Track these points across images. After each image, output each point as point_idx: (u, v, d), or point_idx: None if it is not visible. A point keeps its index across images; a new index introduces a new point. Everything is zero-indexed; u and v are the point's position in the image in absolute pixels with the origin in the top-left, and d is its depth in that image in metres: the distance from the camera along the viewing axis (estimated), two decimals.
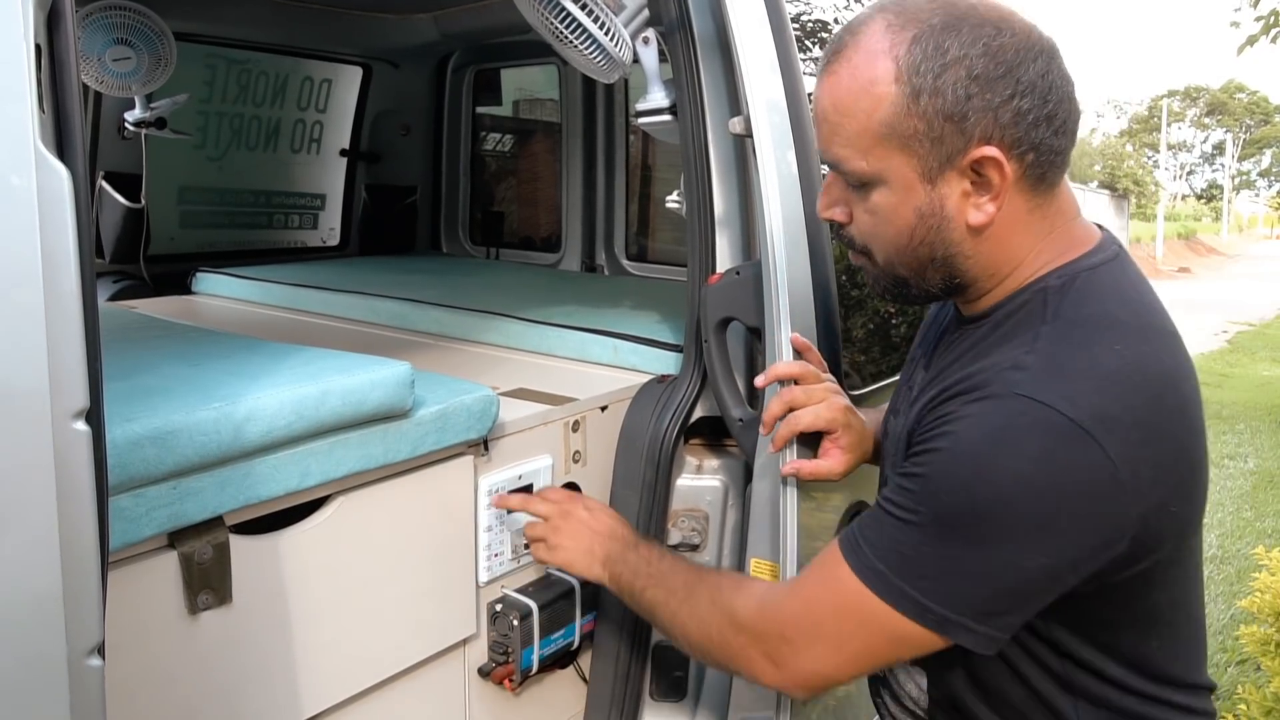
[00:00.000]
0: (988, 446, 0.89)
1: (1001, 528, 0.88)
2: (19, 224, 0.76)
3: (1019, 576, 0.90)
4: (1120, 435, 0.87)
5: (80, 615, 0.83)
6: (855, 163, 0.97)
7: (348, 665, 1.40)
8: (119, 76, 2.44)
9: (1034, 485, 0.87)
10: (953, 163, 0.93)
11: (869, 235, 1.02)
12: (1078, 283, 0.97)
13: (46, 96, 0.82)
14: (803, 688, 1.06)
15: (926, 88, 0.91)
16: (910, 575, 0.93)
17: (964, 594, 0.91)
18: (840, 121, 0.96)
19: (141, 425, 1.10)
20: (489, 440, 1.55)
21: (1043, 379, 0.89)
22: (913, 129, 0.93)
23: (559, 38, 1.56)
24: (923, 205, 0.96)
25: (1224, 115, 57.37)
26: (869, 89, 0.93)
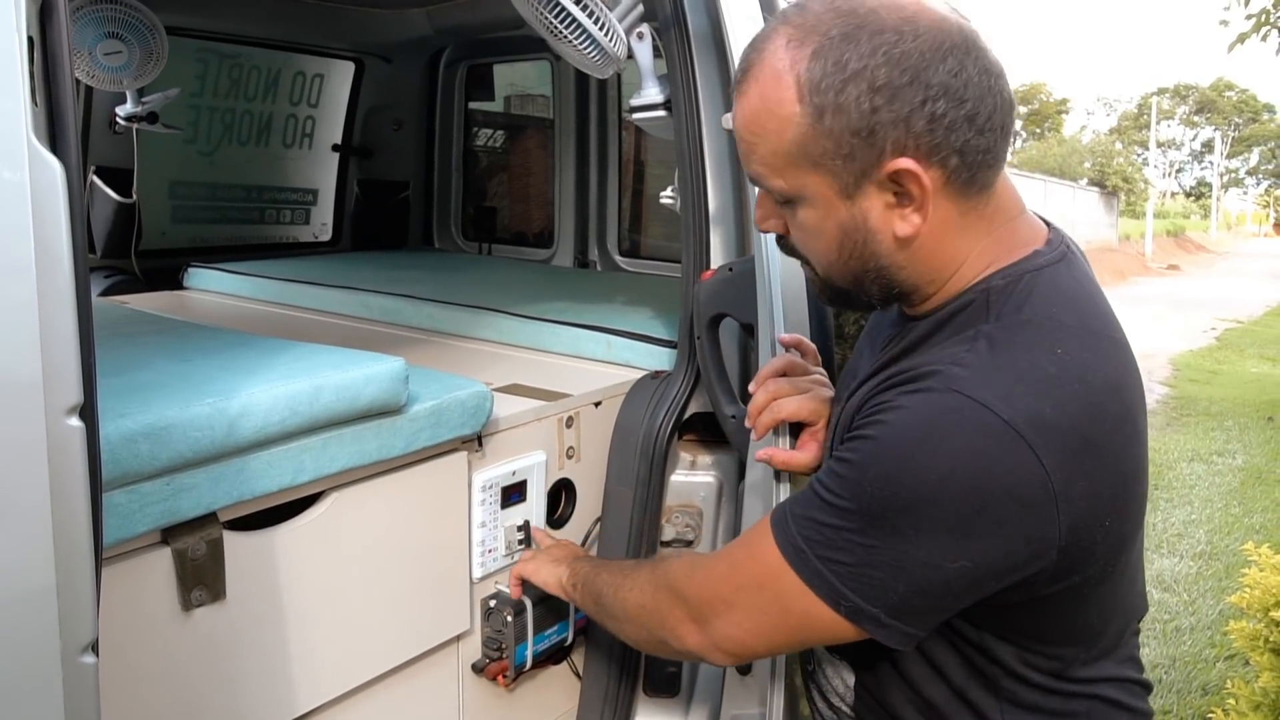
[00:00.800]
0: (916, 440, 0.87)
1: (922, 524, 0.86)
2: (12, 218, 0.75)
3: (936, 576, 0.88)
4: (1056, 442, 0.85)
5: (74, 612, 0.82)
6: (773, 181, 0.95)
7: (341, 661, 1.40)
8: (110, 70, 2.42)
9: (958, 484, 0.85)
10: (869, 177, 0.90)
11: (802, 248, 1.01)
12: (1022, 284, 0.94)
13: (39, 90, 0.81)
14: (721, 652, 1.06)
15: (829, 105, 0.88)
16: (829, 558, 0.91)
17: (879, 586, 0.89)
18: (754, 142, 0.94)
19: (135, 421, 1.10)
20: (483, 436, 1.55)
21: (980, 377, 0.87)
22: (822, 149, 0.90)
23: (554, 33, 1.56)
24: (845, 221, 0.94)
25: (1213, 113, 57.59)
26: (775, 111, 0.91)
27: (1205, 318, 13.63)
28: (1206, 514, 4.93)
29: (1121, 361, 0.94)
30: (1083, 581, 0.93)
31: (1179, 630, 3.59)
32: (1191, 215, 50.64)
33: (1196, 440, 6.44)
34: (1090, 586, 0.94)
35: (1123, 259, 25.03)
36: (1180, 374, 9.10)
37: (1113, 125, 60.02)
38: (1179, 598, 3.88)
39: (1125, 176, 34.72)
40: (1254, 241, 48.60)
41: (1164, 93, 58.58)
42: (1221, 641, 3.43)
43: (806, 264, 1.03)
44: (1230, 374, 9.30)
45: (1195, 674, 3.25)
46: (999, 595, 0.91)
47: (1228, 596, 3.73)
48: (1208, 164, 61.09)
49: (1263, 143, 57.25)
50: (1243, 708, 2.21)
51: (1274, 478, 5.57)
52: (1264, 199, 61.49)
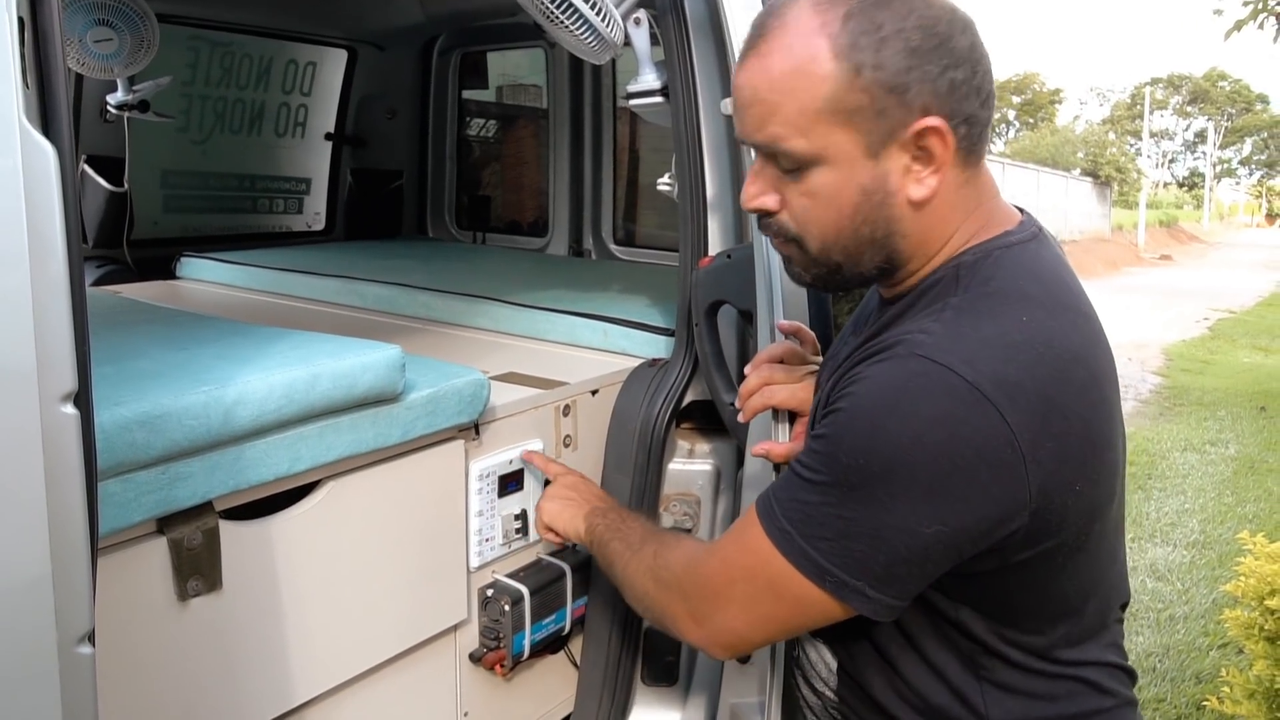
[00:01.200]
0: (884, 407, 0.89)
1: (896, 491, 0.88)
2: (4, 203, 0.74)
3: (914, 543, 0.89)
4: (1021, 404, 0.86)
5: (70, 602, 0.82)
6: (794, 142, 0.94)
7: (338, 652, 1.39)
8: (101, 58, 2.40)
9: (928, 446, 0.86)
10: (895, 136, 0.93)
11: (805, 220, 0.99)
12: (991, 258, 0.96)
13: (30, 71, 0.80)
14: (720, 646, 1.07)
15: (867, 62, 0.90)
16: (812, 536, 0.92)
17: (862, 558, 0.91)
18: (778, 100, 0.94)
19: (130, 409, 1.09)
20: (480, 424, 1.54)
21: (944, 343, 0.89)
22: (855, 103, 0.92)
23: (550, 18, 1.55)
24: (866, 181, 0.95)
25: (1206, 103, 57.59)
26: (807, 67, 0.92)
27: (1198, 308, 13.68)
28: (1200, 503, 4.94)
29: (1089, 334, 0.96)
30: (1055, 549, 0.94)
31: (1172, 619, 3.60)
32: (1184, 206, 50.79)
33: (1189, 430, 6.46)
34: (1064, 556, 0.95)
35: (1115, 249, 25.09)
36: (1173, 364, 9.13)
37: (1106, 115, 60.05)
38: (1172, 586, 3.89)
39: (1118, 167, 34.67)
40: (1246, 232, 48.76)
41: (1157, 83, 58.56)
42: (1215, 630, 3.44)
43: (795, 242, 1.02)
44: (1223, 364, 9.33)
45: (1189, 662, 3.26)
46: (972, 563, 0.92)
47: (1221, 585, 3.75)
48: (1200, 154, 61.18)
49: (1256, 133, 57.33)
50: (1237, 695, 2.22)
51: (1266, 467, 5.59)
52: (1256, 189, 61.65)
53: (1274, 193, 60.65)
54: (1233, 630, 2.29)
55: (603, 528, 1.32)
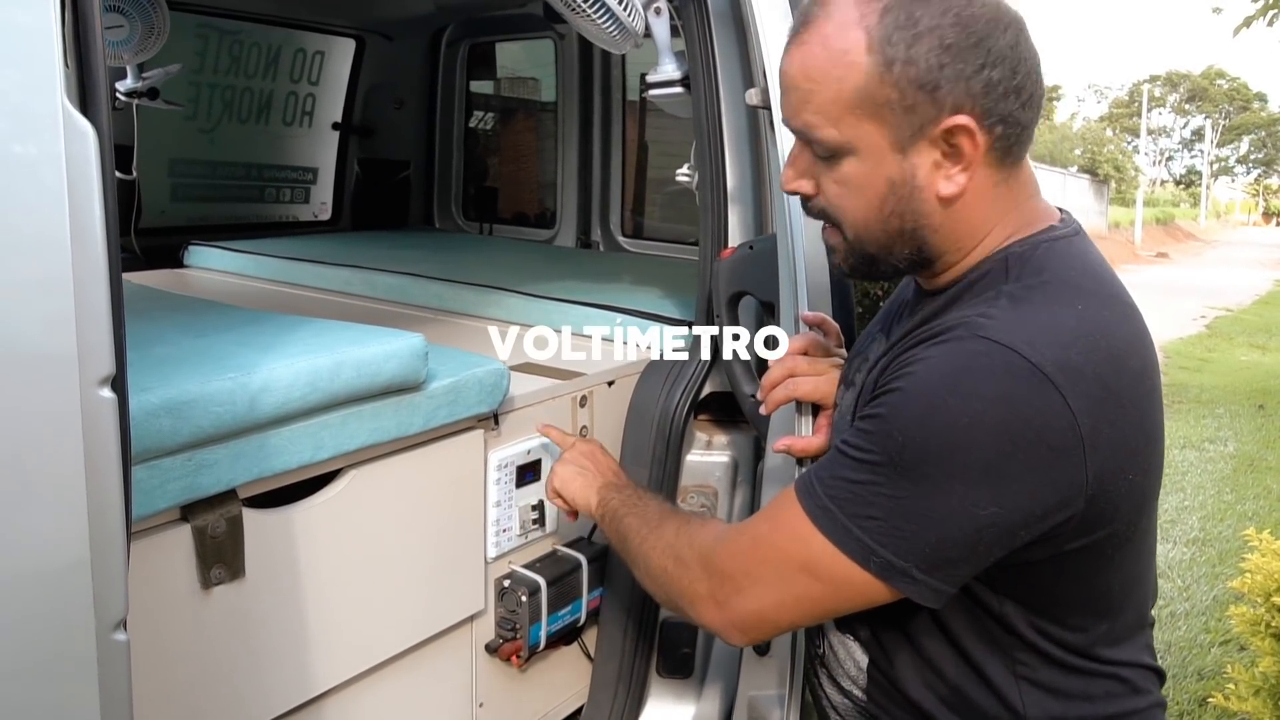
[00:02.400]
0: (945, 386, 0.88)
1: (954, 469, 0.86)
2: (48, 186, 0.74)
3: (969, 525, 0.87)
4: (1082, 388, 0.86)
5: (107, 589, 0.81)
6: (825, 130, 0.95)
7: (358, 641, 1.39)
8: (111, 45, 2.38)
9: (989, 426, 0.85)
10: (924, 132, 0.93)
11: (838, 207, 1.00)
12: (1040, 250, 0.97)
13: (70, 52, 0.79)
14: (740, 629, 1.04)
15: (899, 57, 0.90)
16: (859, 515, 0.91)
17: (912, 539, 0.89)
18: (811, 89, 0.95)
19: (157, 395, 1.08)
20: (499, 414, 1.54)
21: (1005, 326, 0.89)
22: (885, 98, 0.92)
23: (573, 8, 1.54)
24: (894, 175, 0.95)
25: (1204, 101, 57.61)
26: (841, 58, 0.92)
27: (1195, 305, 13.70)
28: (1199, 500, 4.95)
29: (1138, 326, 0.96)
30: (1106, 539, 0.93)
31: (1174, 616, 3.60)
32: (1181, 203, 50.83)
33: (1188, 427, 6.46)
34: (1113, 548, 0.95)
35: (1112, 246, 25.11)
36: (1171, 361, 9.14)
37: (1104, 113, 60.09)
38: (1173, 583, 3.90)
39: (1116, 164, 34.77)
40: (1243, 230, 48.81)
41: (1155, 80, 58.64)
42: (1217, 627, 3.45)
43: (835, 227, 1.02)
44: (1221, 362, 9.34)
45: (1191, 659, 3.26)
46: (1024, 552, 0.91)
47: (1222, 582, 3.76)
48: (1198, 152, 61.22)
49: (1253, 131, 57.39)
50: (1243, 692, 2.22)
51: (1265, 465, 5.60)
52: (1253, 188, 61.73)
53: (1271, 191, 60.75)
54: (1238, 627, 2.29)
55: (617, 502, 1.29)
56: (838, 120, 0.94)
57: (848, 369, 1.20)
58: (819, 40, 0.94)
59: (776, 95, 1.48)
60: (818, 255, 1.48)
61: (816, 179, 1.00)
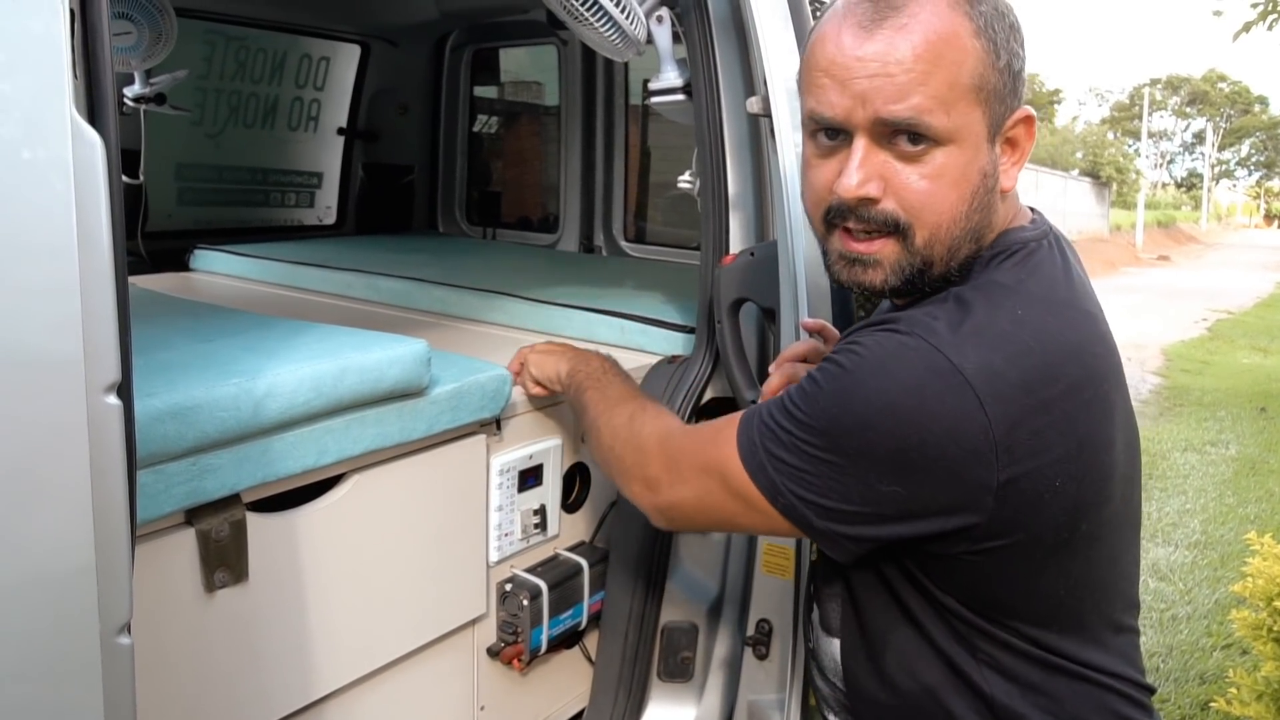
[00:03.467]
0: (871, 368, 0.91)
1: (862, 446, 0.91)
2: (56, 193, 0.75)
3: (869, 494, 0.92)
4: (1002, 394, 0.87)
5: (112, 593, 0.82)
6: (936, 116, 0.90)
7: (360, 645, 1.40)
8: (119, 51, 2.39)
9: (899, 415, 0.89)
10: (1003, 123, 0.94)
11: (921, 205, 0.93)
12: (999, 253, 0.98)
13: (79, 62, 0.80)
14: (664, 517, 1.13)
15: (1003, 44, 0.91)
16: (774, 455, 0.96)
17: (814, 489, 0.94)
18: (928, 71, 0.89)
19: (162, 400, 1.09)
20: (501, 419, 1.55)
21: (941, 328, 0.91)
22: (994, 84, 0.91)
23: (575, 16, 1.55)
24: (986, 166, 0.94)
25: (1205, 104, 57.57)
26: (955, 41, 0.89)
27: (1196, 308, 13.68)
28: (1201, 503, 4.95)
29: (1090, 331, 0.96)
30: (1030, 543, 0.93)
31: (1175, 619, 3.60)
32: (1182, 206, 50.79)
33: (1189, 430, 6.46)
34: (1043, 553, 0.95)
35: (1113, 249, 25.11)
36: (1172, 364, 9.14)
37: (1105, 115, 60.08)
38: (1175, 587, 3.90)
39: (1117, 167, 34.75)
40: (1244, 233, 48.75)
41: (1156, 83, 58.59)
42: (1218, 630, 3.45)
43: (902, 234, 0.95)
44: (1222, 364, 9.33)
45: (1192, 663, 3.26)
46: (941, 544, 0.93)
47: (1224, 586, 3.76)
48: (1199, 155, 61.19)
49: (1254, 134, 57.34)
50: (1245, 697, 2.22)
51: (1267, 468, 5.59)
52: (1254, 190, 61.66)
53: (1272, 194, 60.70)
54: (1240, 631, 2.29)
55: (583, 375, 1.38)
56: (952, 105, 0.90)
57: None
58: (922, 22, 0.89)
59: (777, 103, 1.49)
60: (818, 262, 1.48)
61: (887, 180, 0.94)
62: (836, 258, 1.01)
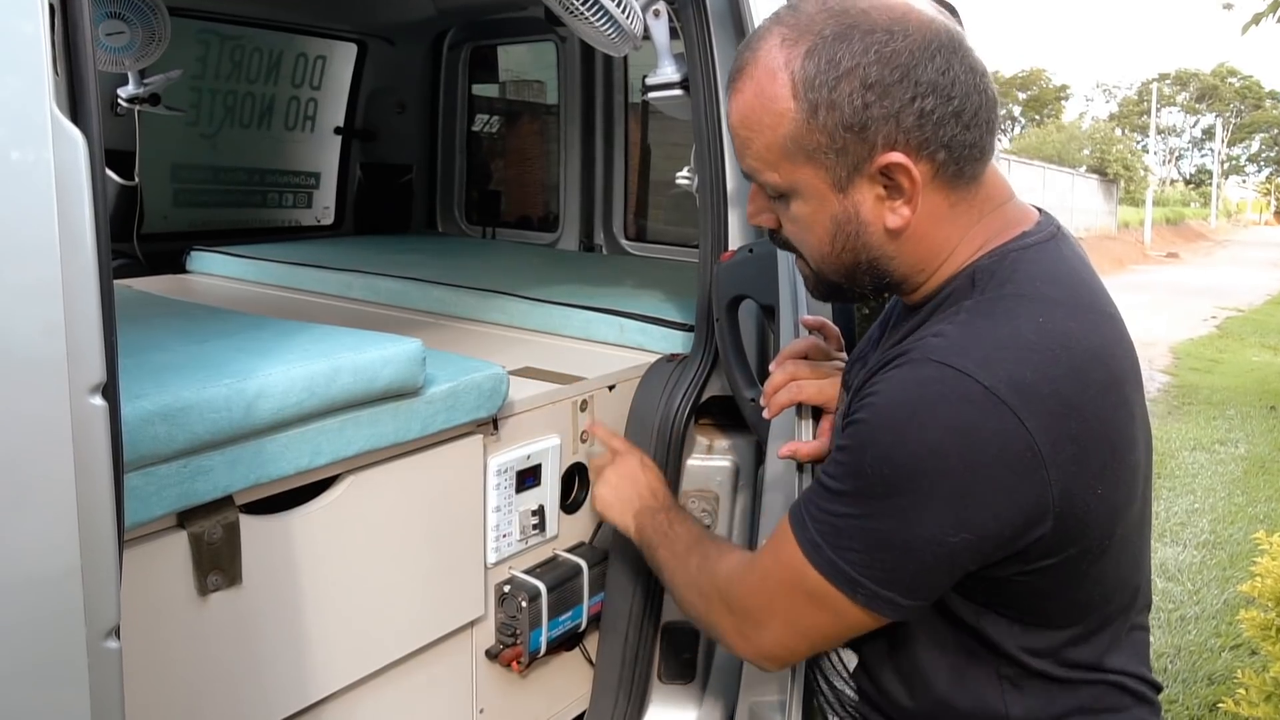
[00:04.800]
0: (904, 415, 0.89)
1: (920, 500, 0.88)
2: (37, 192, 0.73)
3: (942, 552, 0.89)
4: (1038, 407, 0.86)
5: (98, 596, 0.81)
6: (767, 175, 0.98)
7: (356, 648, 1.38)
8: (112, 51, 2.39)
9: (948, 456, 0.86)
10: (860, 170, 0.94)
11: (796, 242, 1.04)
12: (1007, 261, 0.96)
13: (60, 59, 0.79)
14: (770, 660, 1.08)
15: (823, 101, 0.91)
16: (842, 549, 0.93)
17: (892, 569, 0.91)
18: (749, 137, 0.97)
19: (152, 402, 1.08)
20: (498, 419, 1.53)
21: (959, 346, 0.89)
22: (815, 143, 0.93)
23: (571, 11, 1.54)
24: (838, 214, 0.97)
25: (1214, 100, 57.36)
26: (770, 106, 0.94)
27: (1205, 306, 13.63)
28: (1210, 503, 4.92)
29: (1111, 333, 0.95)
30: (1079, 555, 0.93)
31: (1184, 619, 3.58)
32: (1191, 203, 50.61)
33: (1198, 429, 6.43)
34: (1088, 562, 0.94)
35: (1122, 247, 25.03)
36: (1181, 362, 9.10)
37: (1113, 111, 59.92)
38: (1183, 587, 3.88)
39: (1125, 164, 34.64)
40: (1254, 230, 48.57)
41: (1165, 79, 58.41)
42: (1227, 631, 3.43)
43: (800, 257, 1.06)
44: (1231, 362, 9.29)
45: (1201, 663, 3.24)
46: (994, 568, 0.92)
47: (1233, 585, 3.74)
48: (1208, 151, 60.99)
49: (1264, 129, 57.13)
50: (1253, 698, 2.20)
51: (1277, 467, 5.56)
52: (1265, 187, 61.43)
53: None
54: (1249, 631, 2.27)
55: (650, 530, 1.33)
56: (776, 165, 0.96)
57: (848, 373, 1.20)
58: (751, 88, 0.96)
59: None
60: None
61: (774, 214, 1.04)
62: None
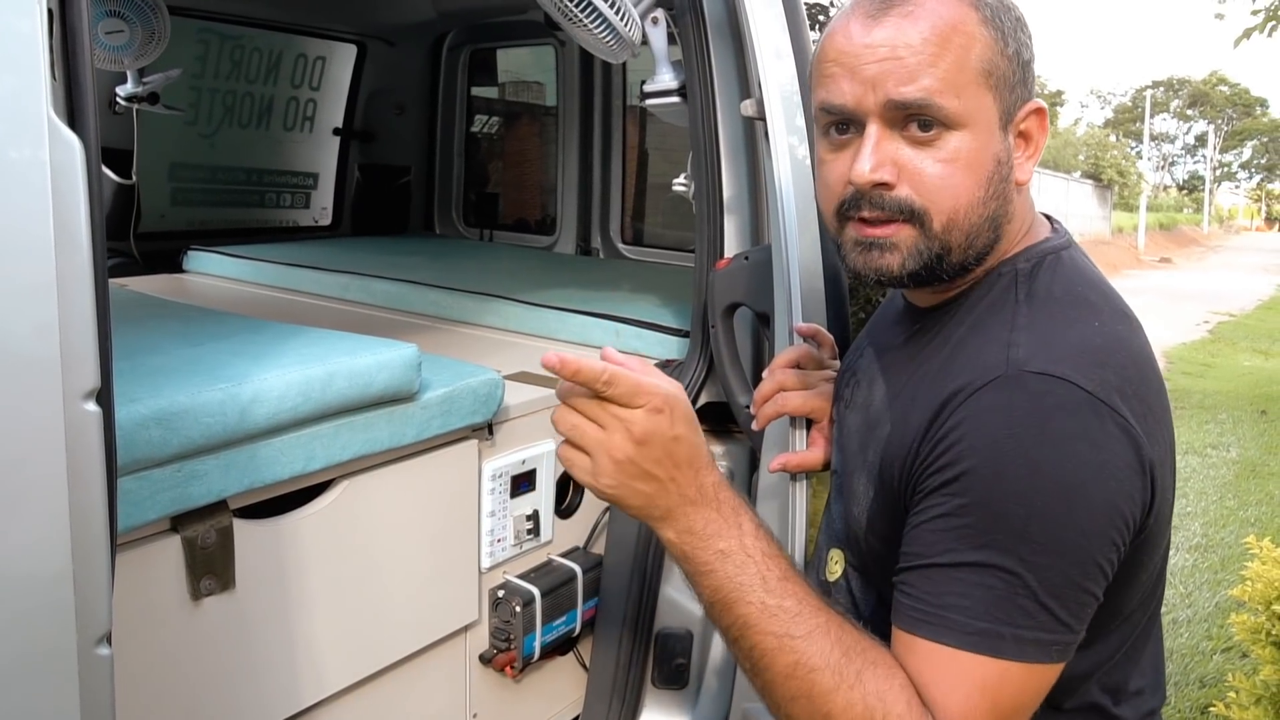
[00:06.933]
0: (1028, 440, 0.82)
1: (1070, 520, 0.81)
2: (32, 197, 0.73)
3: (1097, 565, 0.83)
4: (1128, 406, 0.85)
5: (90, 603, 0.81)
6: (946, 99, 0.89)
7: (350, 653, 1.38)
8: (112, 50, 2.39)
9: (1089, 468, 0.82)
10: (1015, 113, 0.94)
11: (937, 190, 0.91)
12: (1045, 264, 0.95)
13: (58, 64, 0.79)
14: None
15: (1010, 32, 0.92)
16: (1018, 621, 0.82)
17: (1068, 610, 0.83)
18: (936, 54, 0.89)
19: (146, 406, 1.08)
20: (493, 424, 1.53)
21: (1042, 354, 0.85)
22: (1003, 71, 0.92)
23: (569, 17, 1.53)
24: (1000, 153, 0.93)
25: (1206, 107, 57.55)
26: (962, 27, 0.90)
27: (1198, 311, 13.66)
28: (1201, 506, 4.93)
29: (1144, 338, 0.96)
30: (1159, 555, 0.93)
31: (1176, 623, 3.59)
32: (1184, 209, 50.75)
33: (1191, 433, 6.44)
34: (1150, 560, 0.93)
35: (1115, 251, 25.08)
36: (1174, 366, 9.12)
37: (1107, 118, 60.08)
38: (1176, 590, 3.88)
39: (1119, 169, 34.70)
40: (1246, 235, 48.73)
41: (1158, 86, 58.58)
42: (1219, 634, 3.43)
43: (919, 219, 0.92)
44: (1223, 367, 9.31)
45: (1193, 666, 3.25)
46: None
47: (1224, 588, 3.75)
48: (1200, 158, 61.20)
49: (1255, 136, 57.34)
50: (1244, 701, 2.21)
51: (1268, 471, 5.57)
52: (1256, 193, 61.67)
53: (1273, 197, 60.70)
54: (1239, 635, 2.28)
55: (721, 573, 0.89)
56: (962, 89, 0.89)
57: (840, 385, 1.18)
58: (928, 11, 0.90)
59: (772, 106, 1.47)
60: (813, 266, 1.47)
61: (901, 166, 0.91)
62: (851, 245, 0.96)
